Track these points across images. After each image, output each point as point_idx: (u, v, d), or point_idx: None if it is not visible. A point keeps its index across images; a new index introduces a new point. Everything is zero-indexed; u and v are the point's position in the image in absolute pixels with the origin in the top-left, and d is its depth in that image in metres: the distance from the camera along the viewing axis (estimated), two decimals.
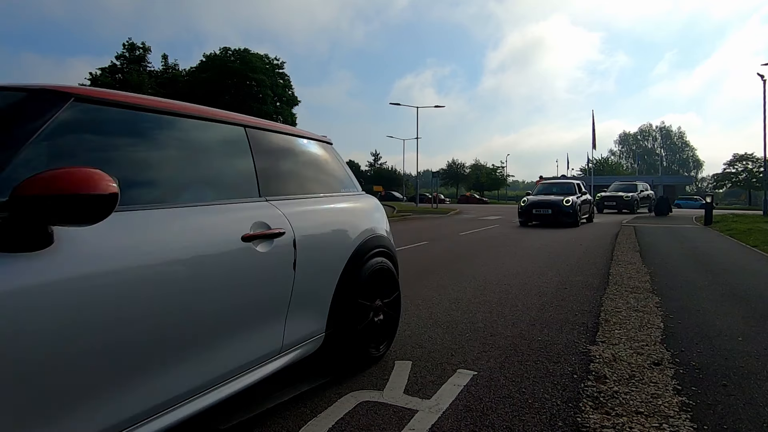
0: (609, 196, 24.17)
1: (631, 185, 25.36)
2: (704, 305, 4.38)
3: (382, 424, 2.14)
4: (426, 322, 3.81)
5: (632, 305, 4.33)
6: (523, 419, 2.20)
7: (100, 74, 33.34)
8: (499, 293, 4.88)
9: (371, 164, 77.40)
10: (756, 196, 53.37)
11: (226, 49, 38.30)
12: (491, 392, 2.49)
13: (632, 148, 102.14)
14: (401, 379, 2.64)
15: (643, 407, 2.30)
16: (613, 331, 3.54)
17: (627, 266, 6.54)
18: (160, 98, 1.97)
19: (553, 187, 16.78)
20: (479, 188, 71.17)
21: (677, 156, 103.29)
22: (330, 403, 2.34)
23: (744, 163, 56.09)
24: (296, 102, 41.65)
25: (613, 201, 23.64)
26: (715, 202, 18.59)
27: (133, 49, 35.46)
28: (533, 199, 15.60)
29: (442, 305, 4.35)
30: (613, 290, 4.98)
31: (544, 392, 2.49)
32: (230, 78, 36.18)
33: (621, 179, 32.81)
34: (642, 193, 24.11)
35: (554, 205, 14.65)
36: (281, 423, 2.15)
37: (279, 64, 40.35)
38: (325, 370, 2.58)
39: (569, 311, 4.18)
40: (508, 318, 3.94)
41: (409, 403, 2.34)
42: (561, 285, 5.31)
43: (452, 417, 2.21)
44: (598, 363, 2.89)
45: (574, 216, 14.55)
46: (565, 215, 14.49)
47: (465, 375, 2.70)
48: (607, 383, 2.59)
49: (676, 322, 3.79)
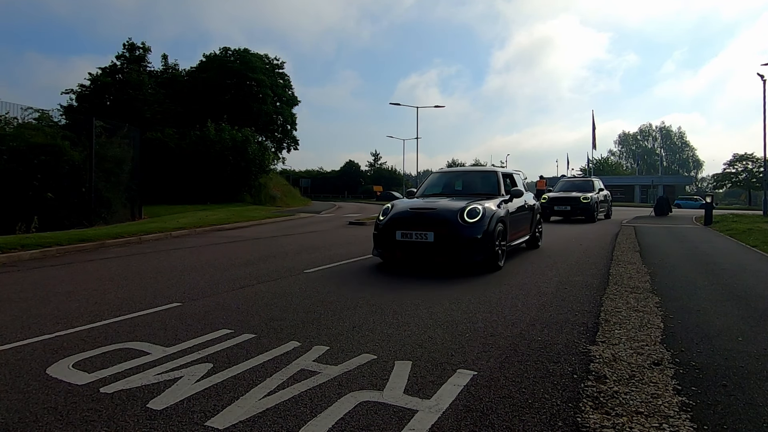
0: (560, 197, 16.64)
1: (586, 183, 18.13)
2: (704, 305, 4.38)
3: (382, 424, 2.14)
4: (426, 322, 3.81)
5: (632, 305, 4.33)
6: (523, 419, 2.20)
7: (100, 74, 33.27)
8: (499, 293, 4.88)
9: (371, 164, 77.39)
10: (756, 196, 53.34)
11: (226, 49, 38.25)
12: (491, 392, 2.48)
13: (632, 148, 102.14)
14: (401, 379, 2.64)
15: (643, 407, 2.30)
16: (613, 331, 3.53)
17: (627, 266, 6.54)
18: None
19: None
20: None
21: (677, 156, 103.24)
22: (330, 403, 2.34)
23: (744, 163, 56.07)
24: (296, 102, 41.62)
25: (566, 204, 16.23)
26: (715, 202, 18.58)
27: (133, 49, 35.38)
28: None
29: (442, 305, 4.34)
30: (613, 290, 4.98)
31: (544, 392, 2.49)
32: (230, 78, 36.12)
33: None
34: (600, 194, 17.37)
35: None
36: (281, 423, 2.15)
37: (279, 64, 40.33)
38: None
39: (569, 311, 4.18)
40: (507, 318, 3.94)
41: (409, 403, 2.34)
42: (561, 285, 5.31)
43: (452, 417, 2.21)
44: (598, 363, 2.89)
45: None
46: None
47: (465, 375, 2.70)
48: (607, 383, 2.59)
49: (676, 322, 3.79)
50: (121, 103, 30.68)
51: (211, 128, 26.71)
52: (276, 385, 2.55)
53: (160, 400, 2.37)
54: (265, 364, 2.88)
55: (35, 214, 10.62)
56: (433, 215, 6.20)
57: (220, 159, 25.96)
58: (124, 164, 13.85)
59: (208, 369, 2.79)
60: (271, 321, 3.84)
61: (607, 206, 17.91)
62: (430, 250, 5.96)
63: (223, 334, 3.46)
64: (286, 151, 41.63)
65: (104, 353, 3.07)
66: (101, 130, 12.97)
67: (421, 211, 6.37)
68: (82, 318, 3.92)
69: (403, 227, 6.18)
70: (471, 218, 6.01)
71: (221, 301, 4.52)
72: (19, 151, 11.27)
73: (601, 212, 16.98)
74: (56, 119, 14.91)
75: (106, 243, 8.98)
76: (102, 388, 2.52)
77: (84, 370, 2.77)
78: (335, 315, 4.01)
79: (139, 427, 2.12)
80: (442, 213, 6.19)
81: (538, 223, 8.79)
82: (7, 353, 3.09)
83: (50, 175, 11.43)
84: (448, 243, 5.90)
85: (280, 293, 4.86)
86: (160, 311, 4.16)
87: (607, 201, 17.77)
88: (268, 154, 31.37)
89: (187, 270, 6.31)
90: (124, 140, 14.09)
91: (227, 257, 7.56)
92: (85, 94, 32.81)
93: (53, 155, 11.57)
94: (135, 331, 3.57)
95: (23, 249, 7.58)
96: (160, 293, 4.87)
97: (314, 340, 3.31)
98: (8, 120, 12.09)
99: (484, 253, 6.00)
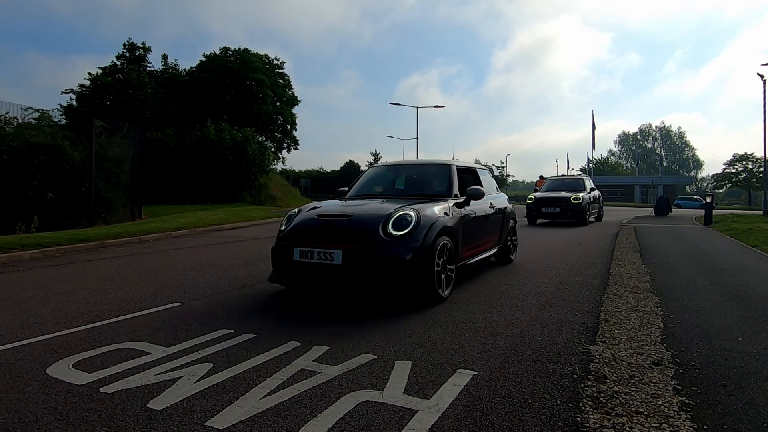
0: (547, 198, 14.78)
1: (576, 182, 16.32)
2: (704, 305, 4.39)
3: (382, 424, 2.14)
4: (426, 321, 3.81)
5: (632, 305, 4.33)
6: (523, 419, 2.20)
7: (100, 74, 33.27)
8: (499, 293, 4.88)
9: (371, 164, 77.38)
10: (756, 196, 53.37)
11: (226, 49, 38.23)
12: (491, 392, 2.48)
13: (632, 148, 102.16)
14: (401, 379, 2.64)
15: (643, 407, 2.30)
16: (613, 331, 3.54)
17: (627, 266, 6.54)
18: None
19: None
20: None
21: (677, 156, 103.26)
22: (330, 403, 2.35)
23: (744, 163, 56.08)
24: (296, 102, 41.61)
25: (555, 206, 14.41)
26: (715, 202, 18.58)
27: (133, 49, 35.39)
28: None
29: (441, 305, 4.34)
30: (613, 290, 4.98)
31: (544, 392, 2.49)
32: (230, 78, 36.12)
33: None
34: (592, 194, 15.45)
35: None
36: (281, 423, 2.15)
37: (279, 64, 40.33)
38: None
39: (569, 311, 4.18)
40: (507, 318, 3.94)
41: (409, 403, 2.34)
42: (561, 285, 5.31)
43: (452, 417, 2.21)
44: (598, 363, 2.89)
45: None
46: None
47: (465, 375, 2.70)
48: (607, 383, 2.59)
49: (676, 322, 3.79)
50: (121, 103, 30.67)
51: (211, 128, 26.69)
52: (276, 385, 2.55)
53: (160, 400, 2.37)
54: (265, 364, 2.88)
55: (35, 214, 10.62)
56: (345, 225, 4.37)
57: (220, 159, 25.94)
58: (124, 164, 13.84)
59: (208, 369, 2.79)
60: (270, 321, 3.84)
61: (599, 208, 16.40)
62: (337, 276, 4.14)
63: (223, 334, 3.46)
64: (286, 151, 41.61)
65: (104, 353, 3.07)
66: (101, 130, 12.96)
67: (329, 219, 4.52)
68: (82, 318, 3.93)
69: (303, 242, 4.35)
70: (398, 230, 4.22)
71: (221, 301, 4.52)
72: (19, 151, 11.27)
73: (593, 214, 15.36)
74: (56, 119, 14.94)
75: (106, 243, 8.98)
76: (102, 388, 2.52)
77: (84, 370, 2.77)
78: (335, 315, 4.01)
79: (139, 427, 2.12)
80: (359, 222, 4.35)
81: (511, 232, 6.93)
82: (7, 353, 3.09)
83: (50, 175, 11.42)
84: (361, 266, 4.08)
85: (280, 293, 4.86)
86: (160, 311, 4.16)
87: (598, 202, 16.19)
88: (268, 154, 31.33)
89: (187, 270, 6.31)
90: (124, 140, 14.08)
91: (227, 257, 7.56)
92: (85, 94, 32.80)
93: (53, 155, 11.57)
94: (135, 331, 3.57)
95: (23, 249, 7.58)
96: (160, 293, 4.87)
97: (314, 340, 3.31)
98: (8, 120, 12.08)
99: (415, 279, 4.16)
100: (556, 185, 16.12)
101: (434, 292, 4.33)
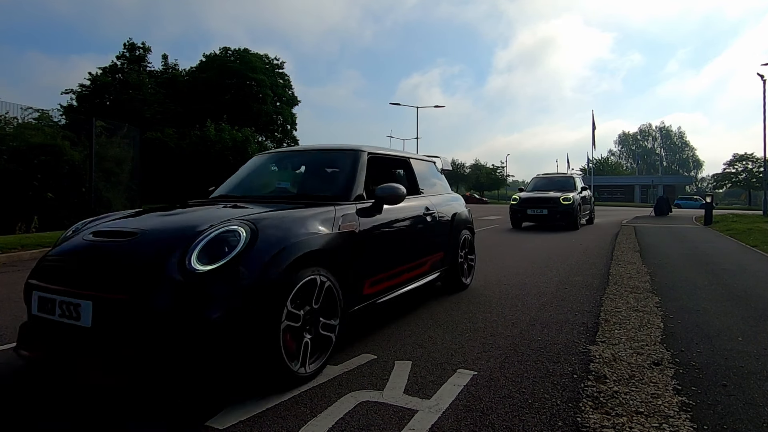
0: (534, 198, 12.88)
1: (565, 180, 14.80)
2: (704, 305, 4.39)
3: (382, 424, 2.14)
4: (426, 321, 3.81)
5: (632, 305, 4.33)
6: (523, 419, 2.20)
7: (100, 74, 33.29)
8: (498, 293, 4.88)
9: None
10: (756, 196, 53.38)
11: (226, 49, 38.26)
12: (491, 392, 2.48)
13: (632, 148, 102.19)
14: (401, 379, 2.64)
15: (643, 407, 2.30)
16: (613, 331, 3.54)
17: (627, 266, 6.54)
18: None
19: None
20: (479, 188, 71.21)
21: (677, 156, 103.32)
22: (330, 403, 2.35)
23: (744, 163, 56.11)
24: (296, 102, 41.61)
25: (542, 207, 12.55)
26: (715, 202, 18.59)
27: (133, 49, 35.42)
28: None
29: (441, 305, 4.35)
30: (613, 290, 4.98)
31: (544, 392, 2.49)
32: (230, 78, 36.14)
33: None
34: (583, 194, 13.97)
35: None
36: (281, 423, 2.15)
37: (279, 64, 40.33)
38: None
39: (569, 311, 4.18)
40: (507, 318, 3.94)
41: (409, 403, 2.34)
42: (561, 285, 5.31)
43: (452, 417, 2.21)
44: (598, 363, 2.89)
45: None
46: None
47: (465, 375, 2.70)
48: (607, 383, 2.59)
49: (676, 322, 3.79)
50: (121, 103, 30.68)
51: (211, 128, 26.70)
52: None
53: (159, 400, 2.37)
54: None
55: (35, 214, 10.61)
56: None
57: (220, 159, 25.92)
58: (124, 164, 13.84)
59: None
60: None
61: (590, 209, 14.88)
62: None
63: None
64: None
65: None
66: (101, 130, 12.96)
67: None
68: None
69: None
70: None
71: None
72: (19, 151, 11.27)
73: (584, 216, 13.94)
74: (56, 119, 14.90)
75: None
76: None
77: None
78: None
79: (138, 426, 2.12)
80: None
81: (465, 245, 5.11)
82: (8, 353, 3.09)
83: (50, 175, 11.42)
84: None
85: None
86: None
87: (589, 203, 14.77)
88: None
89: None
90: (124, 140, 14.08)
91: None
92: (85, 94, 32.82)
93: (53, 155, 11.56)
94: None
95: (23, 249, 7.58)
96: None
97: None
98: (8, 120, 12.09)
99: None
100: (543, 184, 14.39)
101: (281, 368, 2.43)
